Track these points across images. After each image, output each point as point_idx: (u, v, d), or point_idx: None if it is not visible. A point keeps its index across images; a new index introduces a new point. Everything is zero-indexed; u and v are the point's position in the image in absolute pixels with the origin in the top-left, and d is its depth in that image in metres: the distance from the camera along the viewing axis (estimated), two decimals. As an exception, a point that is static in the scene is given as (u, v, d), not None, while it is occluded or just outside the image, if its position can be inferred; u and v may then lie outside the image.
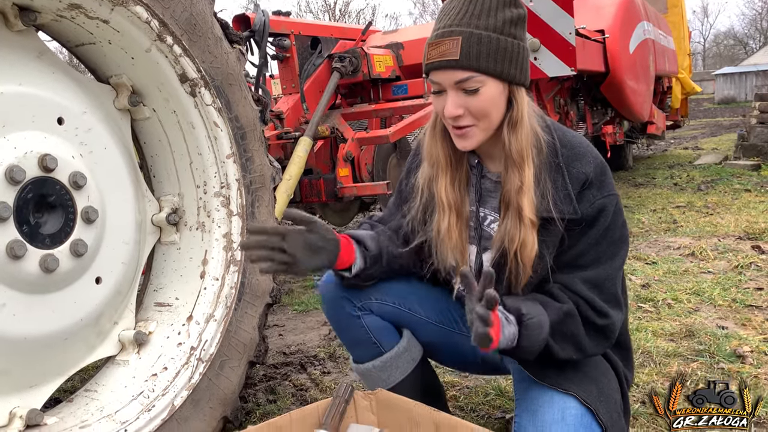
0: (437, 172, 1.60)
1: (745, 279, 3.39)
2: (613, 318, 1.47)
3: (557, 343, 1.44)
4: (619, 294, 1.51)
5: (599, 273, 1.47)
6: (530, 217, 1.44)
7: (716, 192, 6.17)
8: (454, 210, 1.59)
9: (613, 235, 1.49)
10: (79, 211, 1.69)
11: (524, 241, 1.46)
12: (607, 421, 1.43)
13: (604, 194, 1.46)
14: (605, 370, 1.56)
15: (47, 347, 1.66)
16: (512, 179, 1.46)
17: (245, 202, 2.07)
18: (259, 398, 2.47)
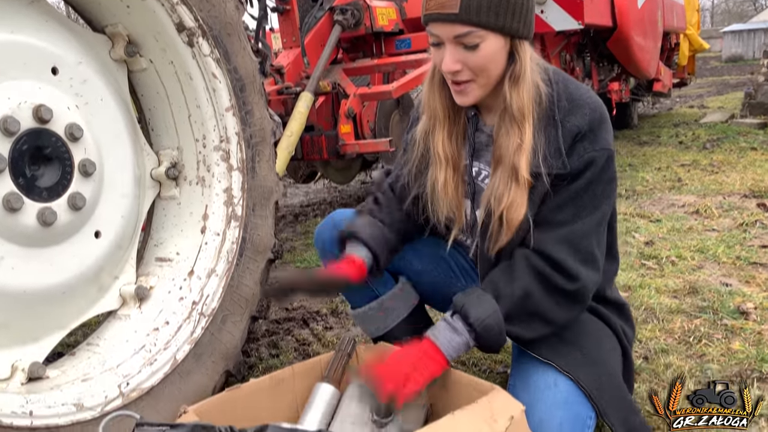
0: (434, 125, 1.56)
1: (749, 237, 3.37)
2: (583, 281, 1.41)
3: (522, 328, 1.41)
4: (596, 252, 1.43)
5: (575, 230, 1.41)
6: (526, 177, 1.39)
7: (722, 150, 6.10)
8: (450, 164, 1.55)
9: (596, 189, 1.42)
10: (76, 163, 1.66)
11: (513, 201, 1.41)
12: (590, 387, 1.40)
13: (595, 147, 1.40)
14: (594, 331, 1.52)
15: (47, 301, 1.65)
16: (510, 136, 1.41)
17: (245, 156, 2.03)
18: (262, 353, 2.48)
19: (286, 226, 4.87)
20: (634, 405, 1.47)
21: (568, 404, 1.38)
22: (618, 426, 1.42)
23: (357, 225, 1.66)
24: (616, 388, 1.45)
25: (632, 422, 1.44)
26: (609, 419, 1.41)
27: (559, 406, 1.38)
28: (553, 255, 1.40)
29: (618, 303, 1.62)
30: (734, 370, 1.98)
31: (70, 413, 1.50)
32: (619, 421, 1.42)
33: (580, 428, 1.38)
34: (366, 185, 6.20)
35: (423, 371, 1.38)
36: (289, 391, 1.57)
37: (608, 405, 1.42)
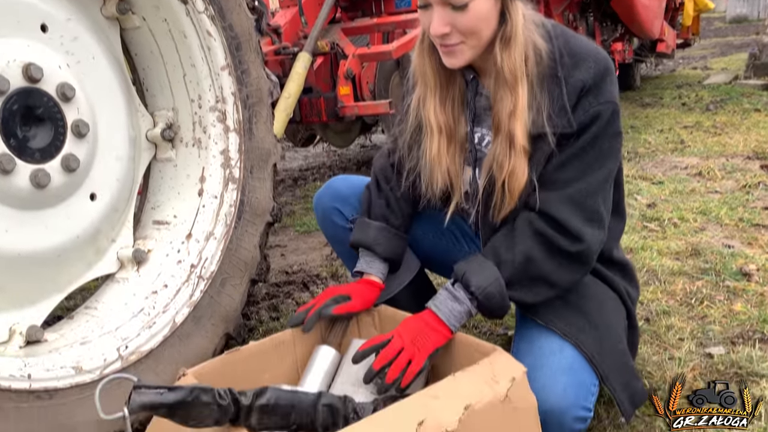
0: (425, 93, 1.49)
1: (752, 198, 3.34)
2: (588, 241, 1.37)
3: (525, 293, 1.39)
4: (601, 211, 1.40)
5: (580, 188, 1.37)
6: (522, 144, 1.34)
7: (725, 112, 6.03)
8: (444, 133, 1.49)
9: (602, 145, 1.37)
10: (69, 124, 1.62)
11: (513, 169, 1.36)
12: (592, 352, 1.39)
13: (600, 101, 1.34)
14: (597, 294, 1.50)
15: (44, 264, 1.63)
16: (504, 101, 1.35)
17: (242, 117, 1.99)
18: (262, 316, 2.47)
19: (285, 190, 4.84)
20: (636, 370, 1.47)
21: (572, 370, 1.37)
22: (619, 391, 1.41)
23: (372, 237, 1.62)
24: (618, 354, 1.44)
25: (633, 387, 1.44)
26: (610, 384, 1.40)
27: (564, 372, 1.36)
28: (556, 216, 1.36)
29: (622, 263, 1.60)
30: (736, 331, 1.98)
31: (68, 376, 1.49)
32: (621, 386, 1.42)
33: (584, 395, 1.37)
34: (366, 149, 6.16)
35: (425, 344, 1.37)
36: (289, 354, 1.56)
37: (610, 370, 1.41)
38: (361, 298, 1.59)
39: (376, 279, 1.63)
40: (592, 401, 1.39)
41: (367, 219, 1.66)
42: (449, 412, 1.13)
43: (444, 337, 1.39)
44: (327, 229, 1.82)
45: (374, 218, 1.65)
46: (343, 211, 1.77)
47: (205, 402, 1.06)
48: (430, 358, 1.37)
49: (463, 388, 1.19)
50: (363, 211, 1.69)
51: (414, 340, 1.37)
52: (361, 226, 1.65)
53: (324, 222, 1.81)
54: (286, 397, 1.18)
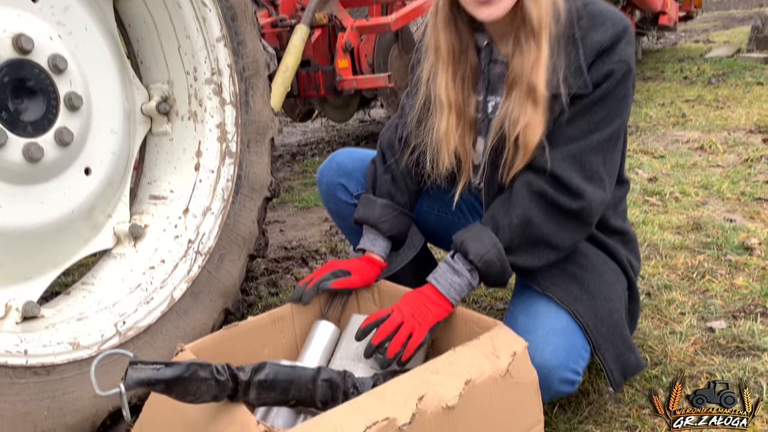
0: (437, 67, 1.45)
1: (754, 172, 3.32)
2: (588, 198, 1.34)
3: (526, 257, 1.37)
4: (602, 171, 1.36)
5: (584, 146, 1.34)
6: (544, 93, 1.30)
7: (727, 85, 5.98)
8: (454, 110, 1.44)
9: (610, 104, 1.34)
10: (61, 97, 1.59)
11: (530, 122, 1.32)
12: (586, 320, 1.38)
13: (614, 60, 1.31)
14: (597, 264, 1.47)
15: (39, 239, 1.61)
16: (525, 54, 1.31)
17: (238, 90, 1.95)
18: (261, 291, 2.46)
19: (284, 166, 4.80)
20: (631, 342, 1.45)
21: (566, 334, 1.36)
22: (610, 361, 1.40)
23: (377, 215, 1.59)
24: (613, 324, 1.42)
25: (626, 358, 1.42)
26: (602, 353, 1.39)
27: (557, 334, 1.36)
28: (556, 172, 1.33)
29: (623, 232, 1.57)
30: (738, 305, 1.96)
31: (66, 352, 1.48)
32: (612, 356, 1.40)
33: (575, 358, 1.36)
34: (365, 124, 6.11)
35: (425, 318, 1.35)
36: (288, 329, 1.54)
37: (603, 340, 1.40)
38: (360, 275, 1.58)
39: (378, 257, 1.61)
40: (582, 365, 1.38)
41: (372, 196, 1.63)
42: (449, 387, 1.11)
43: (444, 311, 1.37)
44: (330, 204, 1.78)
45: (379, 195, 1.62)
46: (348, 186, 1.73)
47: (202, 377, 1.05)
48: (431, 331, 1.36)
49: (463, 363, 1.17)
50: (368, 187, 1.66)
51: (414, 314, 1.35)
52: (365, 203, 1.62)
53: (327, 197, 1.78)
54: (284, 372, 1.17)
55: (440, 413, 1.07)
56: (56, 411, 1.44)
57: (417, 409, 1.05)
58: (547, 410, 1.53)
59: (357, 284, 1.56)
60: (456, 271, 1.38)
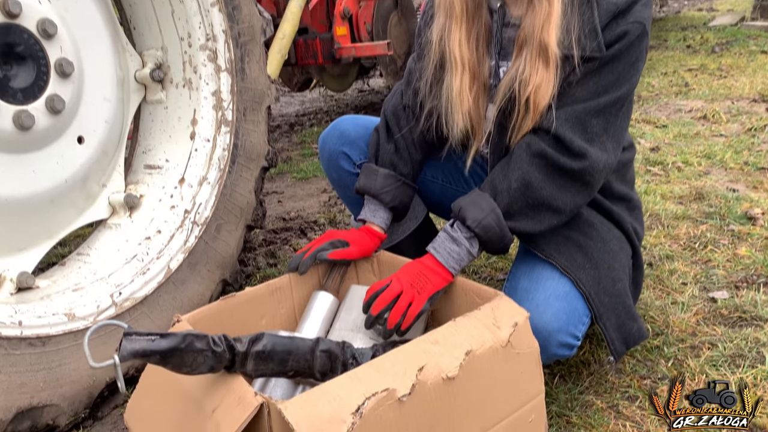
0: (451, 24, 1.40)
1: (758, 142, 3.28)
2: (591, 158, 1.30)
3: (527, 221, 1.33)
4: (604, 135, 1.32)
5: (589, 107, 1.30)
6: (555, 52, 1.26)
7: (731, 54, 5.89)
8: (468, 69, 1.40)
9: (622, 66, 1.29)
10: (52, 63, 1.55)
11: (541, 83, 1.28)
12: (589, 289, 1.36)
13: (629, 20, 1.26)
14: (602, 232, 1.44)
15: (32, 209, 1.58)
16: (537, 12, 1.27)
17: (234, 56, 1.91)
18: (259, 262, 2.44)
19: (282, 136, 4.76)
20: (634, 311, 1.43)
21: (568, 298, 1.35)
22: (612, 330, 1.38)
23: (379, 185, 1.55)
24: (616, 294, 1.40)
25: (628, 328, 1.41)
26: (603, 322, 1.38)
27: (559, 297, 1.34)
28: (557, 133, 1.30)
29: (627, 198, 1.54)
30: (740, 275, 1.95)
31: (61, 323, 1.47)
32: (614, 326, 1.39)
33: (575, 322, 1.35)
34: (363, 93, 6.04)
35: (425, 287, 1.33)
36: (286, 300, 1.52)
37: (605, 309, 1.38)
38: (359, 246, 1.55)
39: (378, 229, 1.59)
40: (581, 330, 1.37)
41: (375, 165, 1.59)
42: (450, 357, 1.10)
43: (444, 280, 1.35)
44: (332, 173, 1.75)
45: (382, 165, 1.59)
46: (351, 155, 1.69)
47: (198, 349, 1.03)
48: (430, 301, 1.34)
49: (464, 334, 1.16)
50: (370, 156, 1.62)
51: (413, 283, 1.33)
52: (367, 173, 1.59)
53: (329, 166, 1.74)
54: (282, 343, 1.15)
55: (440, 384, 1.06)
56: (53, 382, 1.43)
57: (417, 380, 1.03)
58: (548, 380, 1.52)
59: (355, 255, 1.54)
60: (454, 240, 1.35)
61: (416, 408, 1.02)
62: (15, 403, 1.37)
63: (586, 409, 1.44)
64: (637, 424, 1.37)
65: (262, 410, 0.98)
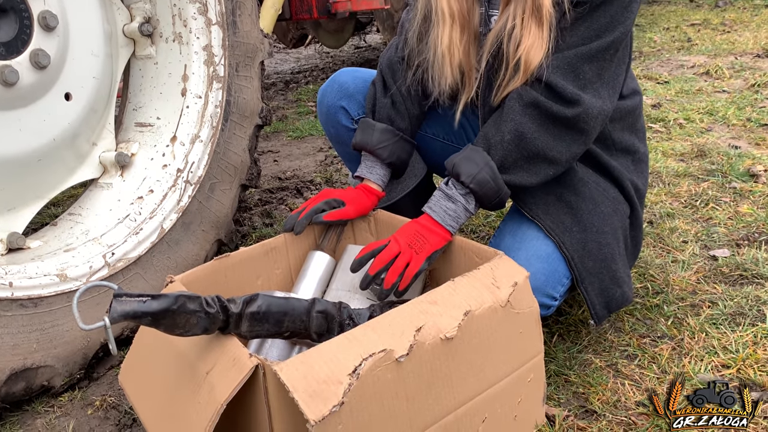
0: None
1: (761, 98, 3.22)
2: (585, 104, 1.25)
3: (522, 174, 1.29)
4: (598, 81, 1.27)
5: (581, 53, 1.25)
6: (550, 11, 1.22)
7: (735, 8, 5.78)
8: (456, 21, 1.35)
9: (612, 10, 1.24)
10: (35, 16, 1.49)
11: (534, 44, 1.23)
12: (572, 253, 1.33)
13: None
14: (595, 193, 1.40)
15: (21, 168, 1.54)
16: None
17: (225, 9, 1.84)
18: (255, 222, 2.41)
19: (277, 94, 4.68)
20: (620, 276, 1.40)
21: (549, 259, 1.33)
22: (593, 295, 1.36)
23: (376, 141, 1.51)
24: (602, 258, 1.37)
25: (611, 293, 1.38)
26: (585, 287, 1.35)
27: (540, 258, 1.33)
28: (550, 80, 1.25)
29: (632, 150, 1.49)
30: (741, 233, 1.92)
31: (53, 284, 1.44)
32: (597, 290, 1.36)
33: (553, 284, 1.34)
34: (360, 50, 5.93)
35: (423, 247, 1.31)
36: (282, 260, 1.50)
37: (588, 273, 1.35)
38: (355, 206, 1.52)
39: (375, 186, 1.55)
40: (560, 291, 1.35)
41: (371, 120, 1.55)
42: (448, 317, 1.08)
43: (443, 239, 1.32)
44: (330, 128, 1.70)
45: (378, 119, 1.55)
46: (349, 109, 1.65)
47: (191, 310, 1.01)
48: (429, 261, 1.31)
49: (462, 294, 1.13)
50: (367, 111, 1.58)
51: (411, 243, 1.31)
52: (364, 127, 1.55)
53: (327, 120, 1.70)
54: (278, 304, 1.13)
55: (439, 344, 1.04)
56: (46, 343, 1.41)
57: (415, 341, 1.01)
58: (547, 339, 1.51)
59: (351, 215, 1.51)
60: (450, 197, 1.32)
61: (414, 369, 1.00)
62: (8, 364, 1.35)
63: (585, 368, 1.43)
64: (636, 382, 1.36)
65: (257, 372, 0.96)
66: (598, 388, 1.35)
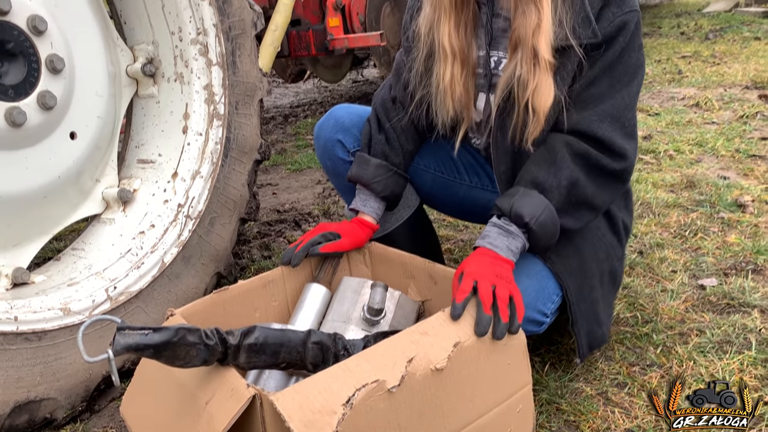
0: (440, 15, 1.42)
1: (749, 129, 3.29)
2: (631, 158, 1.36)
3: (569, 219, 1.35)
4: (636, 124, 1.38)
5: (617, 103, 1.33)
6: (547, 59, 1.29)
7: (724, 41, 5.90)
8: (458, 58, 1.43)
9: (629, 58, 1.33)
10: (42, 59, 1.55)
11: (538, 86, 1.31)
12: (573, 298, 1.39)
13: (624, 10, 1.30)
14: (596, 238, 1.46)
15: (27, 205, 1.59)
16: (527, 16, 1.29)
17: (225, 50, 1.91)
18: (254, 254, 2.46)
19: (276, 128, 4.76)
20: (601, 317, 1.46)
21: (539, 276, 1.38)
22: (582, 336, 1.42)
23: (371, 175, 1.57)
24: (592, 301, 1.44)
25: (594, 333, 1.44)
26: (577, 329, 1.41)
27: (529, 275, 1.37)
28: (598, 134, 1.33)
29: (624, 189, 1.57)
30: (729, 263, 1.97)
31: (56, 318, 1.48)
32: (585, 332, 1.42)
33: (543, 300, 1.37)
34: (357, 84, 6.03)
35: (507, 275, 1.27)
36: (279, 292, 1.54)
37: (581, 316, 1.41)
38: (351, 238, 1.57)
39: (370, 219, 1.61)
40: (550, 308, 1.39)
41: (367, 155, 1.62)
42: (439, 349, 1.11)
43: (511, 267, 1.32)
44: (327, 161, 1.76)
45: (374, 155, 1.61)
46: (345, 143, 1.71)
47: (191, 342, 1.05)
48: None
49: (452, 325, 1.17)
50: (363, 146, 1.65)
51: (498, 274, 1.27)
52: (360, 162, 1.61)
53: (324, 154, 1.75)
54: (274, 335, 1.17)
55: (429, 375, 1.07)
56: (49, 376, 1.45)
57: (406, 372, 1.05)
58: (538, 368, 1.55)
59: (347, 247, 1.55)
60: (510, 233, 1.33)
61: (406, 399, 1.04)
62: (12, 397, 1.39)
63: (576, 396, 1.46)
64: (626, 410, 1.40)
65: (255, 402, 0.99)
66: (589, 416, 1.38)
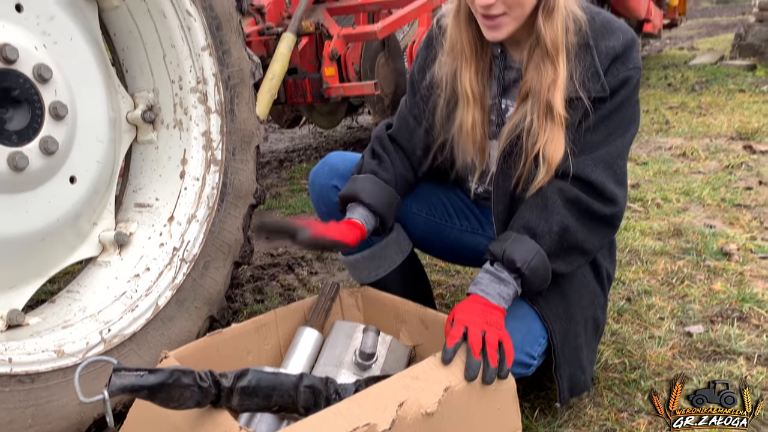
0: (461, 63, 1.49)
1: (735, 179, 3.37)
2: (621, 204, 1.41)
3: (560, 264, 1.39)
4: (626, 173, 1.45)
5: (611, 150, 1.40)
6: (562, 114, 1.35)
7: (710, 92, 6.05)
8: (479, 103, 1.50)
9: (627, 110, 1.42)
10: (46, 106, 1.60)
11: (550, 140, 1.37)
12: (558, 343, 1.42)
13: (628, 66, 1.39)
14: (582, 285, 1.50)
15: (24, 248, 1.62)
16: (543, 72, 1.36)
17: (224, 98, 1.97)
18: (247, 298, 2.47)
19: (271, 172, 4.81)
20: (584, 363, 1.49)
21: (525, 318, 1.41)
22: (564, 381, 1.45)
23: (359, 187, 1.57)
24: (575, 347, 1.47)
25: (577, 379, 1.47)
26: (560, 373, 1.44)
27: (515, 317, 1.39)
28: (591, 179, 1.38)
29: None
30: (715, 310, 2.00)
31: (50, 360, 1.49)
32: (567, 376, 1.45)
33: (530, 342, 1.40)
34: (352, 130, 6.13)
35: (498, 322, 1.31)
36: (272, 336, 1.56)
37: (564, 361, 1.44)
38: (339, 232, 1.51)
39: (359, 221, 1.55)
40: (537, 350, 1.41)
41: (356, 174, 1.63)
42: (429, 393, 1.13)
43: (503, 315, 1.35)
44: (322, 206, 1.77)
45: (363, 173, 1.63)
46: (340, 187, 1.73)
47: (185, 384, 1.06)
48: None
49: (443, 369, 1.20)
50: (354, 171, 1.66)
51: (488, 321, 1.31)
52: (349, 182, 1.62)
53: (319, 199, 1.78)
54: (267, 378, 1.19)
55: (419, 419, 1.09)
56: (41, 418, 1.45)
57: (397, 416, 1.07)
58: (528, 414, 1.56)
59: (335, 236, 1.48)
60: (502, 281, 1.37)
61: (396, 441, 1.05)
62: (3, 439, 1.38)
63: (565, 443, 1.47)
64: (614, 457, 1.41)
65: (246, 444, 1.01)
66: (577, 462, 1.39)
